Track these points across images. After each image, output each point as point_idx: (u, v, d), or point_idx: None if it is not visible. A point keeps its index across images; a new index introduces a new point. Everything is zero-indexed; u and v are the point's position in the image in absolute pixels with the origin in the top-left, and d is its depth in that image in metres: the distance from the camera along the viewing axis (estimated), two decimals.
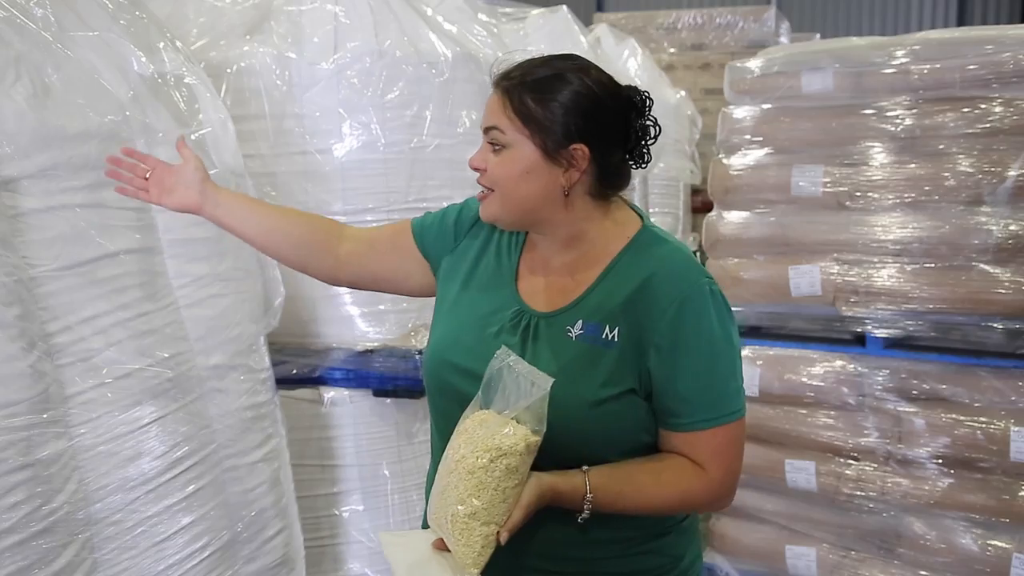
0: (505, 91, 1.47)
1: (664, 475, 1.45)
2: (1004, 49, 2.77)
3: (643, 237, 1.52)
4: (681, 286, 1.44)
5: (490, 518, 1.32)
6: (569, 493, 1.39)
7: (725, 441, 1.46)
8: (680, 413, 1.44)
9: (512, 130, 1.45)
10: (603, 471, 1.42)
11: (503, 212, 1.50)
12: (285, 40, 2.68)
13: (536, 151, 1.45)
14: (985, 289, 2.80)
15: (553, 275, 1.54)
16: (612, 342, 1.44)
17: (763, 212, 3.20)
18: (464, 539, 1.32)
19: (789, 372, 3.13)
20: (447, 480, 1.35)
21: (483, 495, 1.31)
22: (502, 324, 1.52)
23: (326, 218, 1.84)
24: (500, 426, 1.33)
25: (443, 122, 2.78)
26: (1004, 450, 2.78)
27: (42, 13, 1.83)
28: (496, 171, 1.47)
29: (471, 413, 1.39)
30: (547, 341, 1.48)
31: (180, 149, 1.71)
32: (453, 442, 1.37)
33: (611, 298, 1.47)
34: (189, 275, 2.04)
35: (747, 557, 3.31)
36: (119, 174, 1.70)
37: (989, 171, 2.79)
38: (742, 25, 6.60)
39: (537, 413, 1.32)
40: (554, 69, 1.47)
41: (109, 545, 1.78)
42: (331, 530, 2.76)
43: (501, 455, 1.31)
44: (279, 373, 2.50)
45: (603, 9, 14.37)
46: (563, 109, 1.44)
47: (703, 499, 1.48)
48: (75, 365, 1.75)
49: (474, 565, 1.32)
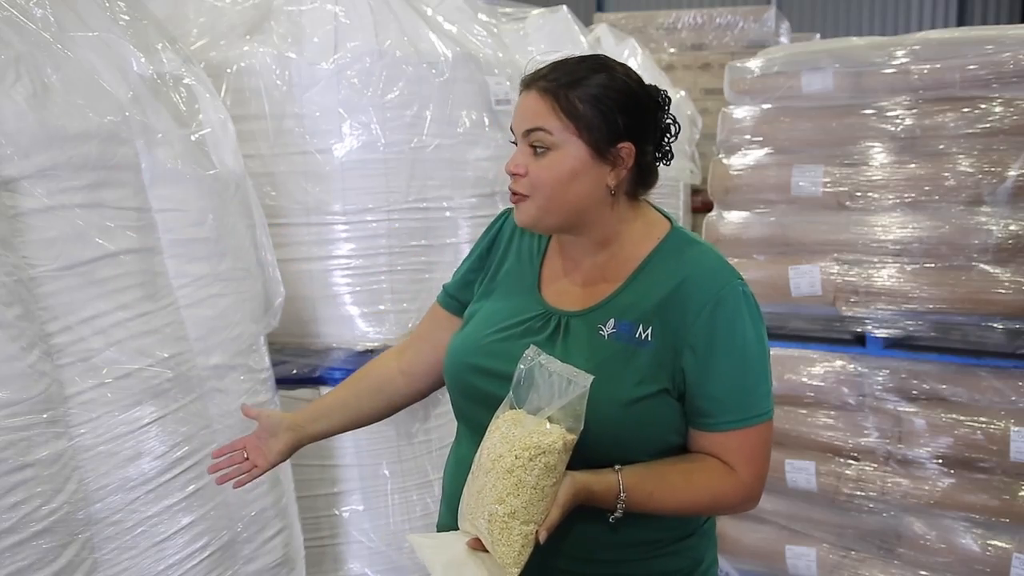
0: (548, 91, 1.44)
1: (695, 476, 1.45)
2: (1004, 49, 2.77)
3: (674, 238, 1.53)
4: (716, 287, 1.45)
5: (529, 517, 1.31)
6: (603, 492, 1.39)
7: (755, 442, 1.47)
8: (712, 413, 1.45)
9: (561, 130, 1.43)
10: (636, 471, 1.42)
11: (545, 215, 1.48)
12: (285, 40, 2.68)
13: (586, 150, 1.44)
14: (985, 289, 2.80)
15: (583, 276, 1.54)
16: (646, 342, 1.44)
17: (763, 212, 3.20)
18: (504, 538, 1.31)
19: (789, 372, 3.13)
20: (483, 480, 1.34)
21: (522, 494, 1.31)
22: (528, 326, 1.51)
23: (371, 363, 1.81)
24: (537, 424, 1.32)
25: (443, 122, 2.78)
26: (1004, 450, 2.78)
27: (42, 13, 1.83)
28: (543, 174, 1.45)
29: (503, 413, 1.38)
30: (578, 340, 1.48)
31: (247, 413, 1.67)
32: (487, 442, 1.37)
33: (644, 298, 1.47)
34: (189, 275, 2.04)
35: (747, 557, 3.31)
36: (226, 476, 1.64)
37: (989, 171, 2.79)
38: (742, 25, 6.59)
39: (575, 411, 1.32)
40: (593, 68, 1.47)
41: (109, 545, 1.78)
42: (331, 530, 2.76)
43: (540, 453, 1.30)
44: (279, 373, 2.50)
45: (603, 9, 14.37)
46: (610, 107, 1.44)
47: (732, 500, 1.49)
48: (75, 365, 1.75)
49: (515, 564, 1.32)
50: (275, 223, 2.57)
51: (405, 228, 2.75)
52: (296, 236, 2.72)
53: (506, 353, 1.45)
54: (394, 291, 2.76)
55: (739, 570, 3.33)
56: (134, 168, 1.92)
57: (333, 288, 2.74)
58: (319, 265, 2.73)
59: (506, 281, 1.60)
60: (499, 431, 1.35)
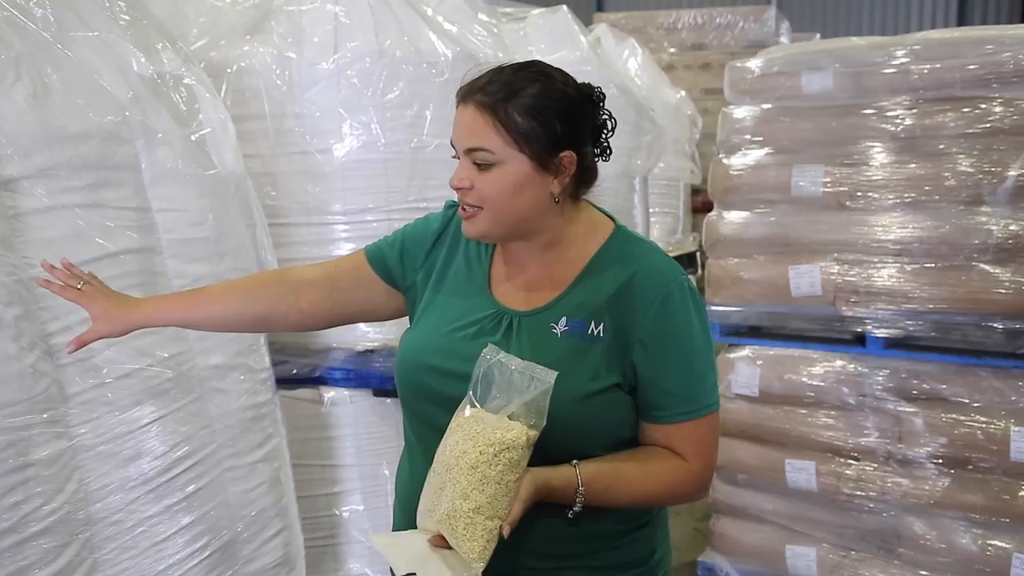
0: (486, 106, 1.44)
1: (649, 467, 1.49)
2: (1004, 49, 2.77)
3: (618, 237, 1.56)
4: (663, 283, 1.48)
5: (493, 512, 1.33)
6: (561, 488, 1.41)
7: (705, 432, 1.50)
8: (663, 406, 1.48)
9: (502, 147, 1.43)
10: (592, 465, 1.44)
11: (494, 227, 1.49)
12: (285, 40, 2.68)
13: (528, 164, 1.44)
14: (985, 289, 2.80)
15: (531, 277, 1.55)
16: (599, 338, 1.47)
17: (763, 212, 3.20)
18: (468, 534, 1.32)
19: (789, 372, 3.14)
20: (444, 477, 1.36)
21: (486, 489, 1.32)
22: (480, 326, 1.52)
23: (273, 276, 1.78)
24: (500, 421, 1.34)
25: (443, 122, 2.78)
26: (1004, 450, 2.78)
27: (42, 13, 1.83)
28: (487, 189, 1.45)
29: (463, 411, 1.39)
30: (531, 338, 1.49)
31: (71, 270, 1.59)
32: (448, 440, 1.38)
33: (594, 296, 1.49)
34: (189, 275, 2.04)
35: (747, 557, 3.31)
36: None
37: (989, 171, 2.79)
38: (742, 25, 6.60)
39: (538, 407, 1.34)
40: (530, 77, 1.46)
41: (109, 545, 1.78)
42: (331, 530, 2.76)
43: (504, 449, 1.32)
44: (279, 373, 2.50)
45: (603, 9, 14.38)
46: (548, 117, 1.43)
47: (686, 489, 1.52)
48: (75, 365, 1.75)
49: (480, 559, 1.33)
50: (275, 223, 2.57)
51: None
52: (296, 236, 2.72)
53: (461, 353, 1.46)
54: None
55: (739, 570, 3.33)
56: (134, 168, 1.92)
57: None
58: None
59: (455, 280, 1.60)
60: (461, 429, 1.37)
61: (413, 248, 1.66)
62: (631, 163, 4.18)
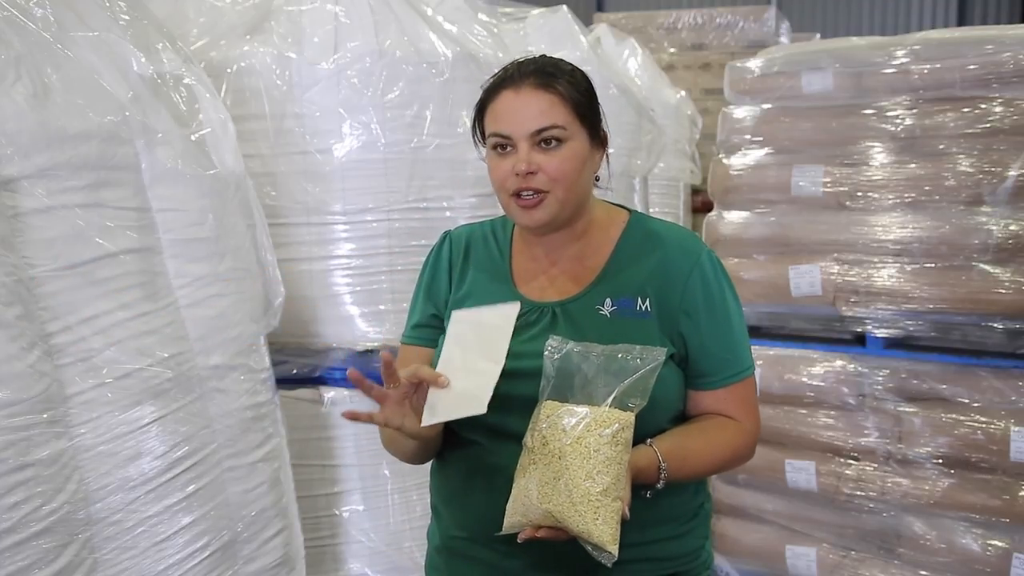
0: (547, 86, 1.47)
1: (712, 434, 1.53)
2: (1004, 49, 2.77)
3: (639, 220, 1.62)
4: (693, 256, 1.54)
5: (618, 493, 1.33)
6: (646, 467, 1.42)
7: (750, 392, 1.58)
8: (713, 371, 1.54)
9: (571, 121, 1.48)
10: (665, 440, 1.46)
11: (563, 209, 1.51)
12: (285, 40, 2.68)
13: (587, 139, 1.51)
14: (985, 289, 2.80)
15: (560, 268, 1.58)
16: (647, 313, 1.51)
17: (763, 212, 3.20)
18: (600, 516, 1.31)
19: (789, 372, 3.14)
20: (558, 465, 1.32)
21: (611, 470, 1.32)
22: (523, 320, 1.53)
23: None
24: (607, 403, 1.35)
25: (443, 122, 2.78)
26: (1004, 450, 2.78)
27: (42, 13, 1.83)
28: (560, 167, 1.47)
29: (547, 402, 1.37)
30: (578, 324, 1.51)
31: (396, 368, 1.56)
32: (548, 431, 1.34)
33: (633, 274, 1.53)
34: (189, 275, 2.03)
35: (747, 557, 3.31)
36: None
37: (989, 171, 2.79)
38: (742, 25, 6.59)
39: (644, 385, 1.35)
40: (559, 61, 1.54)
41: (109, 545, 1.78)
42: (331, 530, 2.76)
43: (621, 429, 1.33)
44: (279, 373, 2.50)
45: (603, 9, 14.38)
46: (591, 93, 1.52)
47: (744, 451, 1.58)
48: (75, 365, 1.75)
49: (614, 542, 1.31)
50: (275, 223, 2.57)
51: (405, 228, 2.76)
52: (296, 236, 2.72)
53: (514, 351, 1.45)
54: (394, 291, 2.76)
55: (739, 570, 3.33)
56: (134, 168, 1.92)
57: (333, 288, 2.74)
58: (319, 265, 2.73)
59: (479, 292, 1.60)
60: (562, 419, 1.34)
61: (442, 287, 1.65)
62: (631, 163, 4.18)
